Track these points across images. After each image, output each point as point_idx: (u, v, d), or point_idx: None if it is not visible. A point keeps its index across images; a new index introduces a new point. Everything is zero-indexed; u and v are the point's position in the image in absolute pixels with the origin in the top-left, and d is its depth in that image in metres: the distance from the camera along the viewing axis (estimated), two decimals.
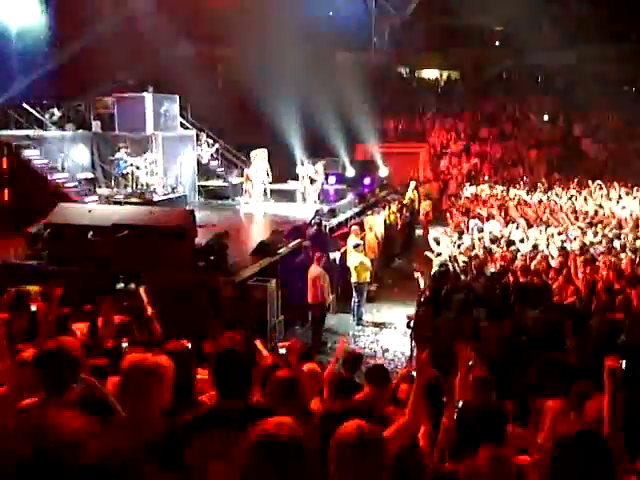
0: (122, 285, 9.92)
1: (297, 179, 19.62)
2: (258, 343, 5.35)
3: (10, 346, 4.64)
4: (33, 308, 5.78)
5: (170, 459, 2.76)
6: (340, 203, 18.06)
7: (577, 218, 14.98)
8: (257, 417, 2.56)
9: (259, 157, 18.84)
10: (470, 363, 4.78)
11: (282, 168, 20.21)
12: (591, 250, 11.14)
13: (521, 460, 3.40)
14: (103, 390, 2.64)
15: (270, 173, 18.90)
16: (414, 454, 3.43)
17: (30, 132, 16.54)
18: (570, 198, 18.05)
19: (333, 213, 16.29)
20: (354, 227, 13.90)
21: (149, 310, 6.08)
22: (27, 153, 15.68)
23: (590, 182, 20.10)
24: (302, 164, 19.83)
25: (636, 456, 3.51)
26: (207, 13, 23.21)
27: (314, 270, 11.28)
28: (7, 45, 17.91)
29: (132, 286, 9.85)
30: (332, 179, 20.23)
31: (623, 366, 3.35)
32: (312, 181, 19.01)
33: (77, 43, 18.47)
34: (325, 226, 14.63)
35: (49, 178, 15.54)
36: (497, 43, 33.44)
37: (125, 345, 5.36)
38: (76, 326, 6.12)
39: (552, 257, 10.97)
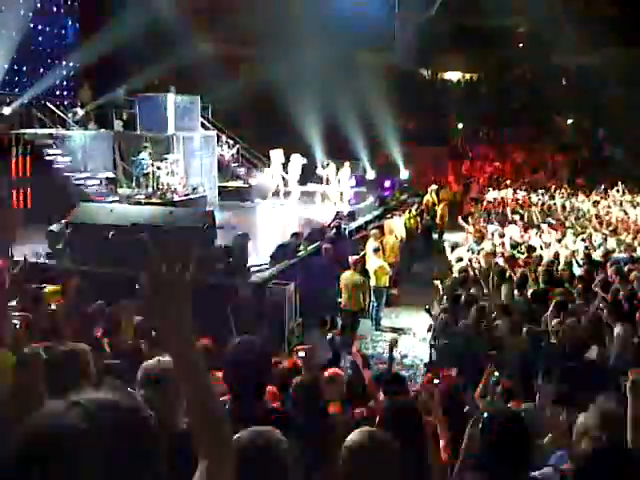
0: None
1: (317, 181, 19.60)
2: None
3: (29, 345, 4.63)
4: (53, 306, 5.80)
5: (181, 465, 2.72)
6: (360, 206, 17.98)
7: (601, 224, 14.77)
8: (273, 422, 2.51)
9: (276, 157, 18.91)
10: (496, 374, 4.71)
11: (302, 170, 20.17)
12: (615, 258, 10.96)
13: None
14: (129, 393, 2.59)
15: (288, 174, 18.88)
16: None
17: (53, 131, 16.66)
18: (594, 204, 17.82)
19: (353, 216, 16.22)
20: (373, 231, 13.81)
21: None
22: (50, 152, 15.81)
23: (615, 187, 19.82)
24: (324, 166, 19.79)
25: None
26: (229, 13, 23.27)
27: (350, 276, 11.19)
28: (31, 44, 18.08)
29: None
30: (352, 182, 20.18)
31: None
32: (334, 182, 18.98)
33: (100, 43, 18.59)
34: (344, 229, 14.56)
35: (71, 177, 15.64)
36: (521, 44, 33.10)
37: (144, 346, 5.35)
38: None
39: (577, 264, 10.80)
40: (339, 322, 11.86)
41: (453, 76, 34.00)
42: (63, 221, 11.63)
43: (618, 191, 19.16)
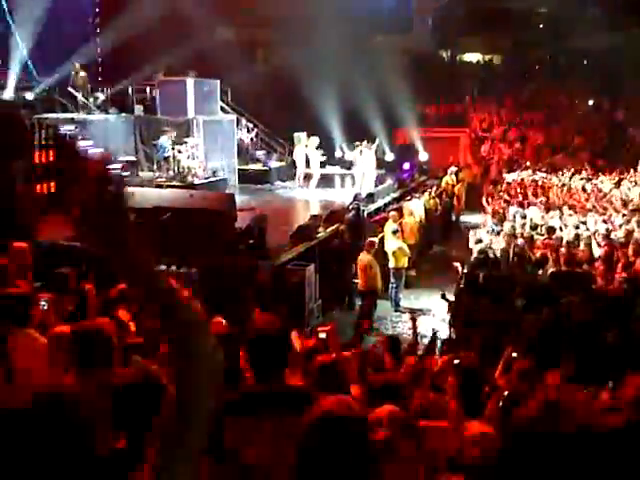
0: (163, 267, 10.06)
1: (336, 164, 19.62)
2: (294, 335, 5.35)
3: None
4: (84, 289, 5.91)
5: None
6: (379, 188, 17.99)
7: (623, 205, 14.66)
8: (294, 401, 2.59)
9: (302, 141, 18.95)
10: (514, 355, 4.75)
11: (320, 153, 20.19)
12: (637, 238, 10.90)
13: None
14: (156, 373, 2.69)
15: (311, 158, 18.92)
16: None
17: (74, 115, 16.82)
18: (615, 185, 17.67)
19: (372, 198, 16.24)
20: (392, 213, 13.85)
21: (184, 294, 6.15)
22: (71, 135, 15.95)
23: (635, 169, 19.64)
24: (353, 147, 19.74)
25: None
26: None
27: (364, 257, 11.29)
28: (53, 29, 18.17)
29: (173, 268, 10.03)
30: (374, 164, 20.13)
31: None
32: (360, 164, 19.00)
33: (121, 28, 18.66)
34: (363, 211, 14.61)
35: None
36: (540, 26, 32.61)
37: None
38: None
39: (598, 245, 10.76)
40: (357, 303, 11.98)
41: (472, 58, 33.65)
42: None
43: (635, 172, 18.99)
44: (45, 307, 5.37)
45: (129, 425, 2.56)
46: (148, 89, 19.21)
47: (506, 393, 3.06)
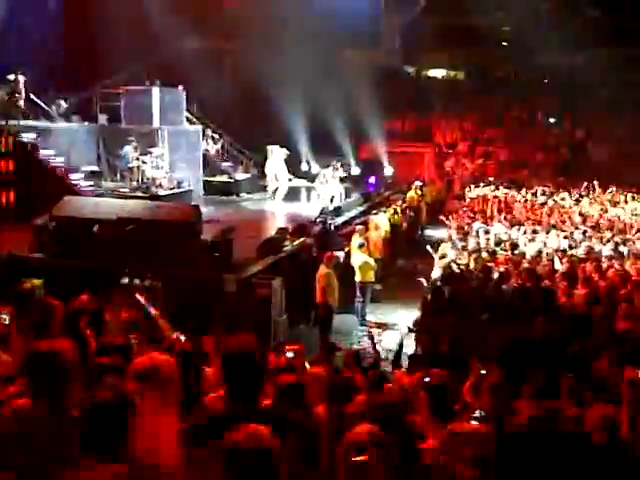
0: (127, 280, 9.90)
1: (302, 177, 19.63)
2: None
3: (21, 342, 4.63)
4: (46, 303, 5.72)
5: None
6: (345, 202, 18.04)
7: (583, 222, 14.96)
8: (265, 421, 2.55)
9: (274, 154, 18.92)
10: (483, 372, 4.76)
11: (287, 166, 20.18)
12: (597, 255, 11.11)
13: None
14: (129, 394, 2.60)
15: (279, 170, 18.86)
16: None
17: (37, 123, 16.51)
18: (576, 202, 18.03)
19: (338, 212, 16.28)
20: (359, 226, 13.88)
21: (152, 311, 6.05)
22: (33, 145, 15.66)
23: (596, 186, 20.09)
24: (334, 166, 19.70)
25: None
26: (215, 7, 23.17)
27: (321, 270, 11.24)
28: (14, 36, 17.87)
29: (136, 282, 9.87)
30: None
31: None
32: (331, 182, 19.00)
33: (85, 35, 18.44)
34: (330, 224, 14.62)
35: (55, 170, 15.52)
36: (504, 43, 33.26)
37: (134, 342, 5.35)
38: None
39: (560, 261, 10.94)
40: None
41: (437, 73, 34.12)
42: (47, 214, 11.56)
43: (594, 190, 19.48)
44: (7, 321, 5.22)
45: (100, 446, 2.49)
46: (112, 98, 18.96)
47: (478, 413, 3.05)
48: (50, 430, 2.65)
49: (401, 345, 7.77)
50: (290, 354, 4.50)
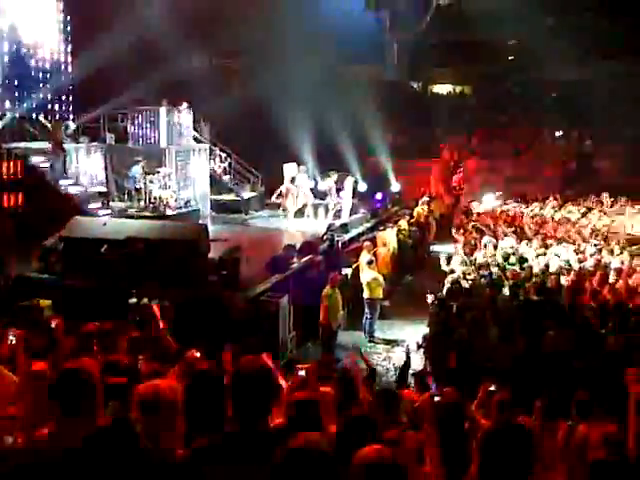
0: (135, 300, 9.92)
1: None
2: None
3: (28, 363, 4.64)
4: (53, 324, 5.75)
5: None
6: (352, 218, 18.05)
7: (592, 235, 14.90)
8: (277, 443, 2.53)
9: (289, 171, 19.00)
10: (492, 388, 4.73)
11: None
12: (606, 267, 11.07)
13: None
14: (132, 419, 2.59)
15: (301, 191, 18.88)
16: None
17: (45, 145, 16.64)
18: (584, 215, 17.97)
19: (345, 228, 16.27)
20: (367, 243, 13.88)
21: (161, 325, 6.07)
22: (42, 166, 15.79)
23: (605, 198, 20.04)
24: (326, 177, 19.77)
25: None
26: (222, 26, 23.35)
27: (325, 290, 11.24)
28: (24, 58, 18.06)
29: (145, 301, 9.88)
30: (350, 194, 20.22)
31: None
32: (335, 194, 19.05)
33: (92, 56, 18.60)
34: (337, 241, 14.62)
35: (63, 191, 15.62)
36: (510, 58, 33.35)
37: (141, 361, 5.35)
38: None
39: (567, 274, 10.90)
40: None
41: (443, 89, 34.22)
42: (56, 235, 11.62)
43: (602, 203, 19.43)
44: (13, 342, 5.23)
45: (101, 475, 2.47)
46: (120, 118, 19.10)
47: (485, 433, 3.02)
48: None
49: (407, 362, 7.71)
50: (302, 372, 4.49)
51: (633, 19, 27.01)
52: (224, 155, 21.67)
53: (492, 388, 4.89)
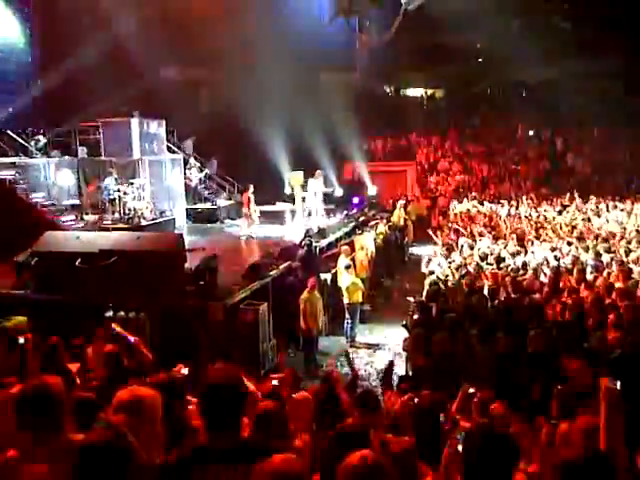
0: (111, 313, 9.77)
1: (285, 201, 19.62)
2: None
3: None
4: (21, 340, 5.64)
5: None
6: (330, 223, 18.01)
7: (569, 232, 14.99)
8: (249, 455, 2.48)
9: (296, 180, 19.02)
10: (471, 390, 4.70)
11: (270, 190, 20.18)
12: (583, 265, 11.10)
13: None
14: (126, 433, 2.51)
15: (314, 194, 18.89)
16: None
17: (15, 159, 16.40)
18: (559, 213, 18.10)
19: (323, 233, 16.22)
20: (344, 247, 13.84)
21: (132, 339, 5.97)
22: (12, 180, 15.54)
23: (577, 196, 20.22)
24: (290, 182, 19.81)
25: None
26: (190, 36, 23.25)
27: (303, 296, 11.23)
28: None
29: (121, 314, 9.74)
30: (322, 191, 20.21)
31: (618, 387, 3.32)
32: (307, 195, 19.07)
33: (61, 69, 18.41)
34: (315, 247, 14.56)
35: (35, 206, 15.40)
36: (480, 60, 33.59)
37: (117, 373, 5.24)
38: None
39: (544, 273, 10.93)
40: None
41: (416, 92, 34.40)
42: (29, 250, 11.41)
43: (583, 201, 19.60)
44: None
45: None
46: (92, 131, 18.90)
47: (463, 434, 2.96)
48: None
49: (391, 365, 7.67)
50: (275, 382, 4.42)
51: (597, 19, 27.38)
52: (199, 165, 21.55)
53: (471, 390, 4.85)
